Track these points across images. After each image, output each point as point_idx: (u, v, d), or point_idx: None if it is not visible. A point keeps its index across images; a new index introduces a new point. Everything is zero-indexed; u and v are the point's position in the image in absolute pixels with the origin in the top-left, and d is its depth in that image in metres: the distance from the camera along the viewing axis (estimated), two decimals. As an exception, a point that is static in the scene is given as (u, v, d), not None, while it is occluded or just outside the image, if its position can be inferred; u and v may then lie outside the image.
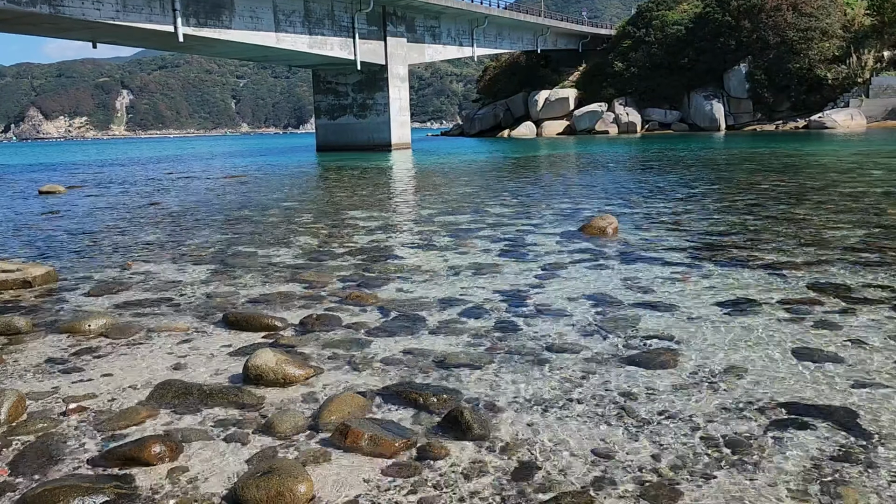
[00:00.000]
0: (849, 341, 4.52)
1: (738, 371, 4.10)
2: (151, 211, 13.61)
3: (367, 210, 12.77)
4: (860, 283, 5.96)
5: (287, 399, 3.88)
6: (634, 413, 3.59)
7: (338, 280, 6.81)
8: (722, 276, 6.44)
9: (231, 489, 2.89)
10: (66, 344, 4.97)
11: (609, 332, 4.91)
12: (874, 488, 2.81)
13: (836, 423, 3.38)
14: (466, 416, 3.45)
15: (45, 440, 3.39)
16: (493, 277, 6.70)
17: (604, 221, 9.16)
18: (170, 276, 7.18)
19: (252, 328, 5.22)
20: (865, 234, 8.28)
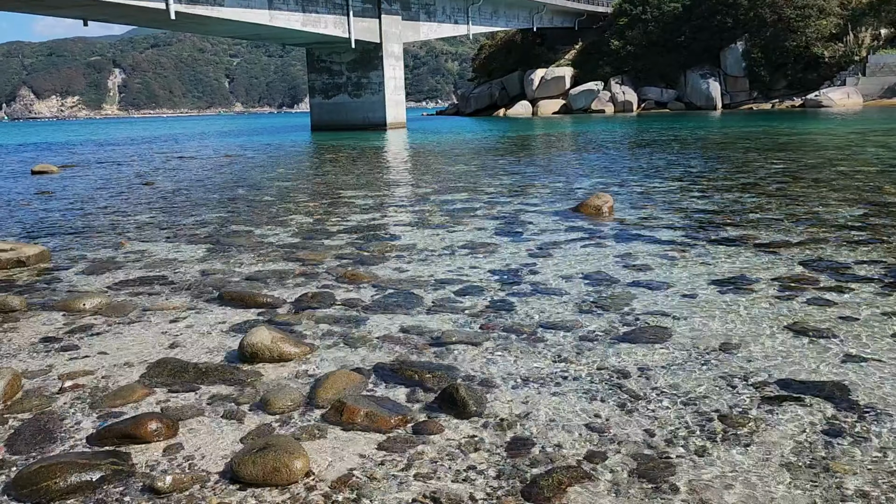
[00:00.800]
0: (841, 318, 4.54)
1: (732, 347, 4.12)
2: (145, 190, 13.55)
3: (362, 189, 12.74)
4: (854, 260, 5.98)
5: (283, 376, 3.89)
6: (628, 389, 3.61)
7: (333, 258, 6.80)
8: (716, 254, 6.46)
9: (227, 465, 2.90)
10: (60, 322, 4.96)
11: (604, 309, 4.93)
12: (865, 462, 2.84)
13: (828, 398, 3.41)
14: (462, 392, 3.46)
15: (41, 418, 3.40)
16: (489, 256, 6.70)
17: (599, 200, 9.15)
18: (164, 255, 7.16)
19: (247, 306, 5.22)
20: (860, 212, 8.29)
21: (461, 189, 12.16)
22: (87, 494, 2.71)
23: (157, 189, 13.73)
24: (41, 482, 2.71)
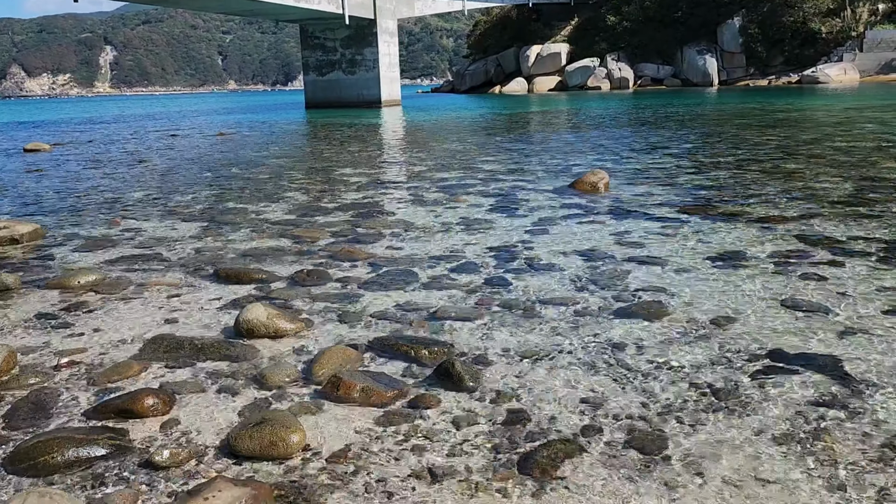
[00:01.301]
0: (836, 292, 4.56)
1: (726, 321, 4.13)
2: (138, 168, 13.47)
3: (357, 167, 12.68)
4: (849, 235, 6.00)
5: (279, 352, 3.89)
6: (623, 363, 3.62)
7: (328, 235, 6.79)
8: (712, 229, 6.47)
9: (224, 440, 2.92)
10: (55, 299, 4.95)
11: (599, 285, 4.94)
12: (856, 433, 2.86)
13: (822, 371, 3.43)
14: (457, 367, 3.47)
15: (38, 394, 3.40)
16: (484, 233, 6.70)
17: (595, 177, 9.13)
18: (159, 233, 7.14)
19: (243, 283, 5.22)
20: (856, 187, 8.30)
21: (456, 166, 12.12)
22: (84, 469, 2.72)
23: (150, 167, 13.66)
24: (39, 457, 2.73)
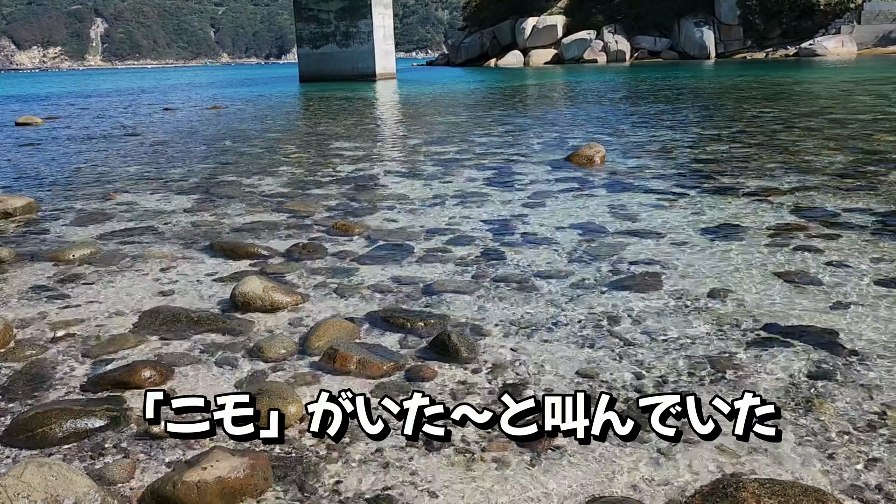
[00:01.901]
0: (830, 264, 4.58)
1: (721, 294, 4.15)
2: (132, 142, 13.37)
3: (352, 140, 12.61)
4: (844, 207, 6.01)
5: (275, 325, 3.90)
6: (618, 335, 3.64)
7: (324, 209, 6.77)
8: (708, 202, 6.47)
9: (222, 411, 2.92)
10: (50, 272, 4.94)
11: (595, 258, 4.94)
12: (850, 403, 2.89)
13: (815, 343, 3.45)
14: (454, 339, 3.49)
15: (34, 366, 3.41)
16: (480, 206, 6.69)
17: (591, 150, 9.10)
18: (153, 206, 7.11)
19: (238, 256, 5.21)
20: (852, 159, 8.30)
21: (452, 140, 12.06)
22: (82, 440, 2.74)
23: (144, 140, 13.55)
24: (37, 428, 2.74)
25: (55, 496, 2.13)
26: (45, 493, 2.12)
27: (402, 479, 2.49)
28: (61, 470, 2.22)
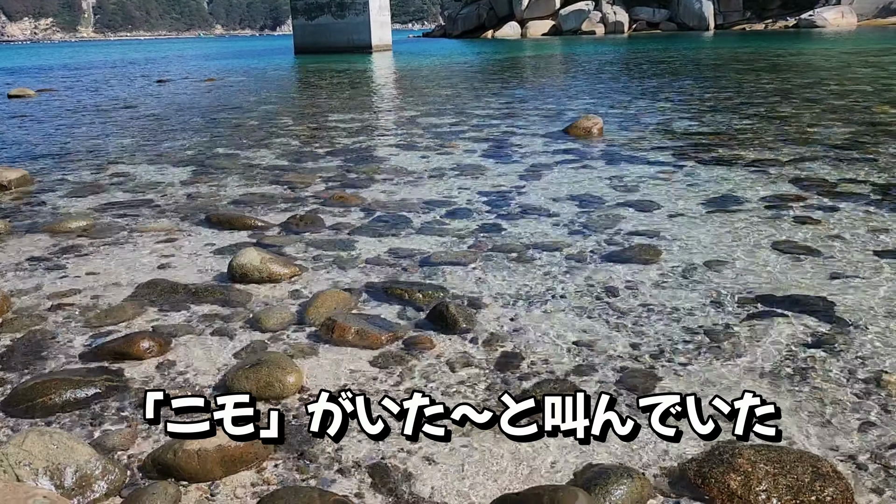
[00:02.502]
0: (828, 235, 4.58)
1: (719, 265, 4.16)
2: (126, 114, 13.26)
3: (348, 112, 12.52)
4: (842, 178, 6.00)
5: (273, 296, 3.90)
6: (616, 306, 3.65)
7: (321, 181, 6.74)
8: (706, 174, 6.45)
9: (220, 381, 2.94)
10: (46, 244, 4.93)
11: (592, 230, 4.94)
12: (844, 371, 2.91)
13: (812, 313, 3.47)
14: (452, 310, 3.49)
15: (33, 336, 3.41)
16: (478, 178, 6.66)
17: (589, 122, 9.05)
18: (149, 178, 7.07)
19: (235, 228, 5.20)
20: (851, 131, 8.27)
21: (449, 112, 11.98)
22: (83, 409, 2.75)
23: (138, 113, 13.43)
24: (37, 398, 2.75)
25: (56, 464, 2.14)
26: (46, 462, 2.13)
27: (401, 446, 2.51)
28: (62, 438, 2.23)
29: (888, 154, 6.93)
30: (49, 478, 2.11)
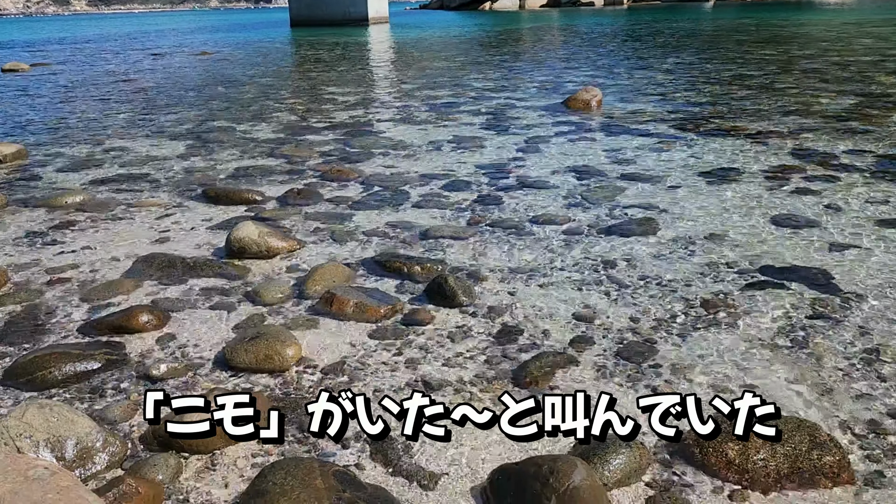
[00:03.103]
0: (827, 206, 4.57)
1: (718, 237, 4.15)
2: (122, 88, 13.14)
3: (345, 86, 12.41)
4: (842, 149, 5.97)
5: (271, 270, 3.89)
6: (615, 279, 3.65)
7: (318, 155, 6.70)
8: (705, 146, 6.42)
9: (220, 353, 2.94)
10: (43, 218, 4.90)
11: (591, 202, 4.92)
12: (843, 341, 2.92)
13: (811, 284, 3.47)
14: (450, 283, 3.49)
15: (31, 310, 3.41)
16: (476, 151, 6.62)
17: (588, 94, 8.98)
18: (145, 153, 7.02)
19: (232, 202, 5.17)
20: (851, 102, 8.21)
21: (447, 85, 11.88)
22: (82, 382, 2.75)
23: (133, 87, 13.32)
24: (36, 371, 2.75)
25: (57, 436, 2.15)
26: (46, 434, 2.14)
27: (401, 418, 2.51)
28: (62, 411, 2.23)
29: (889, 125, 6.89)
30: (50, 450, 2.12)
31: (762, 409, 1.83)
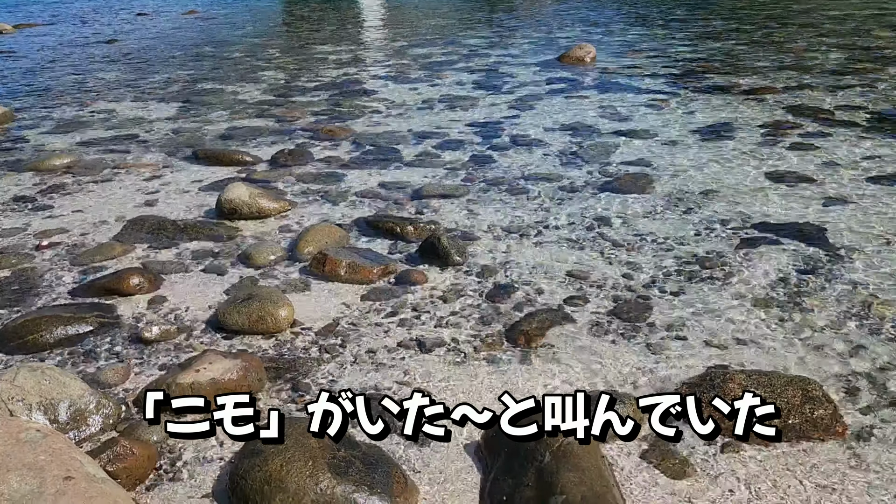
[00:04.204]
0: (823, 162, 4.54)
1: (712, 194, 4.13)
2: (108, 49, 12.88)
3: (335, 44, 12.20)
4: (838, 104, 5.91)
5: (263, 232, 3.86)
6: (609, 236, 3.63)
7: (309, 115, 6.60)
8: (700, 102, 6.35)
9: (212, 316, 2.93)
10: (31, 182, 4.84)
11: (585, 160, 4.88)
12: (836, 296, 2.92)
13: (805, 240, 3.46)
14: (444, 242, 3.47)
15: (21, 275, 3.38)
16: (469, 110, 6.54)
17: (582, 51, 8.85)
18: (133, 114, 6.91)
19: (223, 164, 5.11)
20: (848, 56, 8.11)
21: (439, 42, 11.68)
22: (74, 345, 2.74)
23: (120, 47, 13.05)
24: (27, 335, 2.74)
25: (50, 399, 2.14)
26: (39, 397, 2.13)
27: (395, 377, 2.52)
28: (54, 374, 2.22)
29: (885, 79, 6.82)
30: (43, 412, 2.11)
31: (762, 409, 1.84)
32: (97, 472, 1.70)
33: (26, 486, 1.52)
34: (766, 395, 2.18)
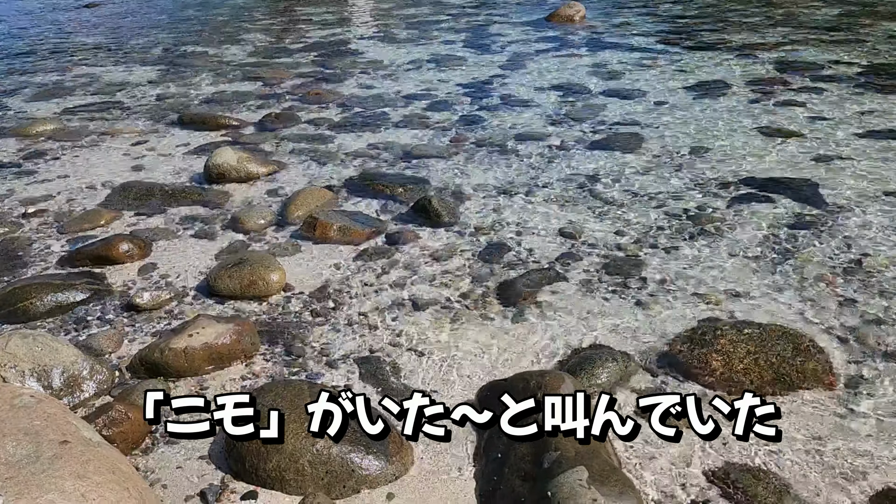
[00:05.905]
0: (813, 118, 4.52)
1: (703, 151, 4.11)
2: (87, 13, 12.60)
3: (320, 5, 11.97)
4: (829, 60, 5.87)
5: (252, 196, 3.83)
6: (600, 195, 3.62)
7: (296, 77, 6.50)
8: (691, 59, 6.29)
9: (204, 281, 2.91)
10: (14, 148, 4.76)
11: (575, 119, 4.84)
12: (827, 251, 2.94)
13: (796, 196, 3.46)
14: (434, 203, 3.45)
15: (8, 243, 3.34)
16: (457, 70, 6.45)
17: (571, 9, 8.73)
18: (116, 79, 6.78)
19: (209, 128, 5.04)
20: (840, 11, 8.04)
21: (426, 2, 11.49)
22: (66, 313, 2.73)
23: (100, 11, 12.77)
24: (17, 303, 2.71)
25: (43, 366, 2.14)
26: (31, 364, 2.12)
27: (389, 340, 2.52)
28: (46, 340, 2.21)
29: (877, 35, 6.77)
30: (36, 379, 2.11)
31: (762, 409, 1.85)
32: (93, 436, 1.70)
33: (22, 451, 1.52)
34: (757, 349, 2.20)
